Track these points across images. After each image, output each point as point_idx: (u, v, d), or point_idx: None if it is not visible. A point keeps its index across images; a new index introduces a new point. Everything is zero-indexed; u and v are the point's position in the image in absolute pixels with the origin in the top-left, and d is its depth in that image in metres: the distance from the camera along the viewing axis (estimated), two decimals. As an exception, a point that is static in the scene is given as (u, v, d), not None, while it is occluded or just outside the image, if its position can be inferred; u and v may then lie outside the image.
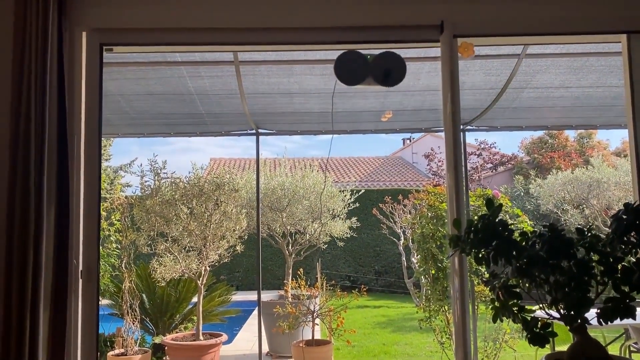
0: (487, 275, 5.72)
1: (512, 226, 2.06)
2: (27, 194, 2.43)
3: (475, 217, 2.00)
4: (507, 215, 6.29)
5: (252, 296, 9.74)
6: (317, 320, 6.28)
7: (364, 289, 6.41)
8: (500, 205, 1.94)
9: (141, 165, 6.69)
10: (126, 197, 7.42)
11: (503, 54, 4.59)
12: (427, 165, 18.07)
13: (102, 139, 2.83)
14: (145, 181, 6.18)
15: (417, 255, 8.42)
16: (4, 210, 2.43)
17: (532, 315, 2.05)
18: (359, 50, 2.80)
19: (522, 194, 15.35)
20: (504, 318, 2.12)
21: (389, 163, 22.53)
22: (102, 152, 3.00)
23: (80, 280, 2.61)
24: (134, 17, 2.78)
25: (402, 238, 12.10)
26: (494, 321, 2.14)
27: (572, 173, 12.16)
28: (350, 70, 2.76)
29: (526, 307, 2.11)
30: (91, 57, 2.76)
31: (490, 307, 2.12)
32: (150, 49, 3.54)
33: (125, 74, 4.64)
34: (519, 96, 5.36)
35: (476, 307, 6.06)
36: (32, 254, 2.38)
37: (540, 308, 2.12)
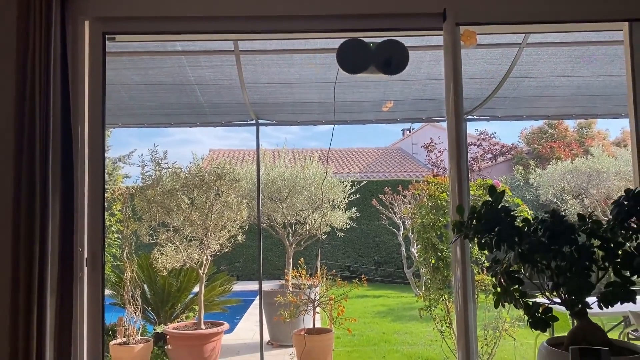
0: (487, 264, 5.76)
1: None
2: (33, 183, 2.44)
3: (478, 205, 2.02)
4: (507, 205, 6.31)
5: (252, 286, 9.79)
6: (318, 309, 6.32)
7: (364, 279, 6.45)
8: (503, 192, 1.95)
9: (142, 155, 6.70)
10: (127, 187, 7.43)
11: (504, 43, 4.59)
12: (427, 156, 18.08)
13: (105, 127, 2.83)
14: (146, 171, 6.19)
15: (417, 245, 8.46)
16: (11, 199, 2.45)
17: (534, 300, 2.08)
18: (362, 39, 2.81)
19: (521, 184, 15.38)
20: (506, 304, 2.15)
21: (389, 154, 22.54)
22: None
23: (86, 268, 2.63)
24: (136, 5, 2.78)
25: (402, 228, 12.15)
26: (496, 307, 2.17)
27: (572, 163, 12.18)
28: (353, 59, 2.77)
29: (528, 293, 2.13)
30: (94, 47, 2.77)
31: (492, 293, 2.15)
32: (152, 38, 3.54)
33: (125, 63, 4.64)
34: (519, 85, 5.36)
35: (476, 296, 6.10)
36: (38, 242, 2.39)
37: (542, 294, 2.15)
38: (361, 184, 10.60)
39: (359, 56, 2.76)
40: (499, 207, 1.93)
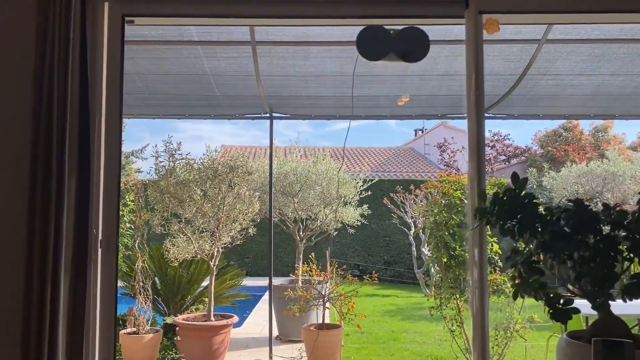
0: (500, 264, 5.69)
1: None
2: (49, 165, 2.44)
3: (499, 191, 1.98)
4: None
5: (261, 282, 9.78)
6: (328, 305, 6.28)
7: (375, 275, 6.40)
8: (526, 179, 1.91)
9: (156, 146, 6.71)
10: (140, 179, 7.45)
11: (523, 39, 4.52)
12: (440, 155, 17.98)
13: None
14: (160, 162, 6.19)
15: (428, 244, 8.39)
16: (27, 180, 2.45)
17: (554, 292, 2.03)
18: (382, 26, 2.77)
19: (535, 186, 15.22)
20: (525, 296, 2.10)
21: (401, 154, 22.44)
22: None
23: (100, 250, 2.62)
24: (155, -12, 2.77)
25: (413, 228, 12.08)
26: (514, 298, 2.13)
27: (587, 166, 12.03)
28: (373, 45, 2.73)
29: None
30: (113, 29, 2.76)
31: (510, 284, 2.11)
32: (169, 22, 3.50)
33: (141, 52, 4.64)
34: (537, 83, 5.29)
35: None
36: (53, 222, 2.39)
37: (562, 286, 2.10)
38: (372, 182, 10.55)
39: (379, 43, 2.72)
40: (522, 194, 1.89)
